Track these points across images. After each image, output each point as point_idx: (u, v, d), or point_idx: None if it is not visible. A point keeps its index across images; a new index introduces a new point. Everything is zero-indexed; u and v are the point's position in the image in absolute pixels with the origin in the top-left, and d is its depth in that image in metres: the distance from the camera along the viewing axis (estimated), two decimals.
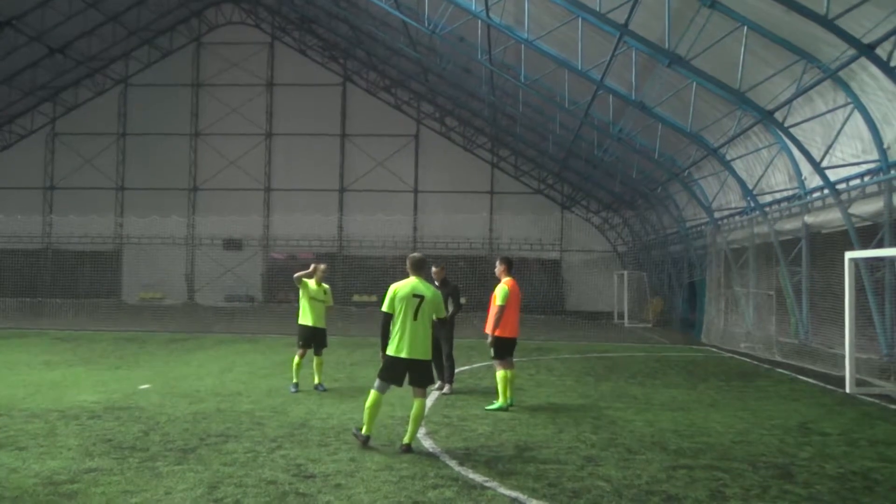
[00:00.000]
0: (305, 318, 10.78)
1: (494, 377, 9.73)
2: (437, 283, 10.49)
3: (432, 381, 7.69)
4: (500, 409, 9.34)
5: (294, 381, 10.64)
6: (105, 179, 38.02)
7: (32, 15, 29.83)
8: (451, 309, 10.44)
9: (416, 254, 7.57)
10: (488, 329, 9.54)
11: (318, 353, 10.84)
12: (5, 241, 34.68)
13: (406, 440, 7.04)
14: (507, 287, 9.55)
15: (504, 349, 9.57)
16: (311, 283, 10.86)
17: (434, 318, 7.35)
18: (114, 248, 36.96)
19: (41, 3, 29.53)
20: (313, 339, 10.80)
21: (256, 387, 10.86)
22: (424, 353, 7.18)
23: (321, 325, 10.84)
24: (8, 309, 27.07)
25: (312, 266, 10.97)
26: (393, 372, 7.12)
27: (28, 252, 35.09)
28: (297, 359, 10.79)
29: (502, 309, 9.43)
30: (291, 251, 36.27)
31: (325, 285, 11.07)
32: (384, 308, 7.19)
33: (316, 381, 10.79)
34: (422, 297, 7.13)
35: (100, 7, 31.74)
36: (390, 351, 7.11)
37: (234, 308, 31.45)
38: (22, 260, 33.99)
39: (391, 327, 7.14)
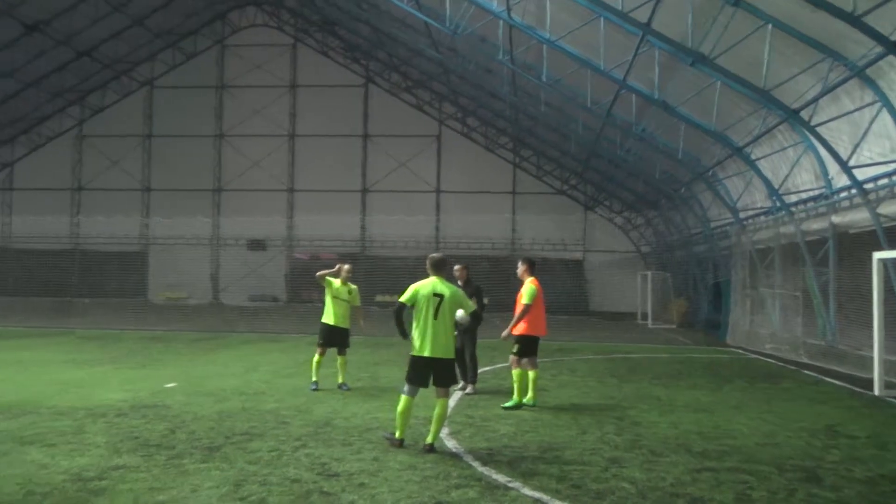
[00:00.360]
0: (328, 316, 10.82)
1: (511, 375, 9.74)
2: (459, 284, 10.51)
3: (455, 381, 7.70)
4: (514, 406, 9.33)
5: (314, 379, 10.67)
6: (131, 181, 38.57)
7: (59, 19, 30.37)
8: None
9: (435, 254, 7.61)
10: (514, 329, 9.54)
11: (341, 352, 10.88)
12: (35, 241, 35.30)
13: (429, 440, 7.06)
14: (534, 286, 9.56)
15: (529, 348, 9.58)
16: (336, 281, 10.91)
17: (464, 314, 7.33)
18: (140, 249, 37.47)
19: (68, 8, 30.06)
20: (334, 339, 10.83)
21: (280, 386, 10.94)
22: (446, 351, 7.20)
23: (344, 324, 10.86)
24: (36, 308, 27.50)
25: (337, 266, 11.05)
26: (418, 372, 7.15)
27: (56, 252, 35.64)
28: (316, 357, 10.82)
29: (528, 307, 9.44)
30: (315, 251, 36.45)
31: (352, 285, 11.11)
32: (401, 299, 7.23)
33: (339, 380, 10.84)
34: (442, 297, 7.17)
35: (125, 10, 32.21)
36: (413, 351, 7.15)
37: (258, 308, 31.63)
38: (50, 260, 34.57)
39: (413, 328, 7.18)
